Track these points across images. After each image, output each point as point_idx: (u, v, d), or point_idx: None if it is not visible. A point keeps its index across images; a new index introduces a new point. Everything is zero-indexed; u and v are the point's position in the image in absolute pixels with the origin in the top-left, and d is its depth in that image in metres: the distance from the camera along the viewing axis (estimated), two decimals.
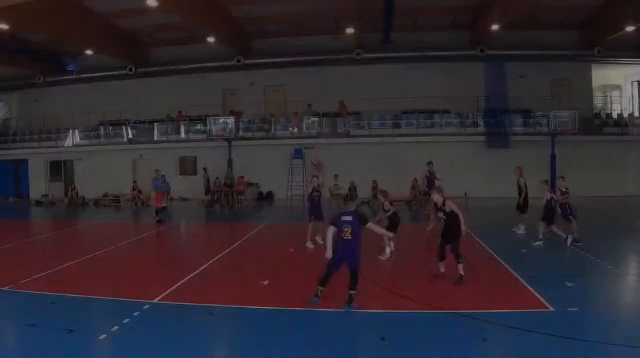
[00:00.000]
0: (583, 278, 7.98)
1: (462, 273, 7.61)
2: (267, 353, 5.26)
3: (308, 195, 10.95)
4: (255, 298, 7.13)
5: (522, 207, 12.46)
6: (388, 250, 9.76)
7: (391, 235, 8.78)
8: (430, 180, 16.25)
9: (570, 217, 10.66)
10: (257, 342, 5.56)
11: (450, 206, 7.88)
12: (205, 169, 21.71)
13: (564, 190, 10.70)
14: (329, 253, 6.42)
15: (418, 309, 6.46)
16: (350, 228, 6.44)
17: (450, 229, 7.86)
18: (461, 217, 7.84)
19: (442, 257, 7.93)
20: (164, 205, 15.53)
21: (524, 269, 7.99)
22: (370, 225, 6.81)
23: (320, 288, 6.53)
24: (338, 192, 19.56)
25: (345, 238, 6.43)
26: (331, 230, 6.52)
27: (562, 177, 11.23)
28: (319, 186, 11.14)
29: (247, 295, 7.35)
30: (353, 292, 6.38)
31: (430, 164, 16.36)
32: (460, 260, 7.66)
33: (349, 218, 6.51)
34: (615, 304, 7.00)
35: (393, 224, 9.81)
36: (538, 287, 7.19)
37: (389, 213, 9.97)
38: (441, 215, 8.04)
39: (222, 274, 8.95)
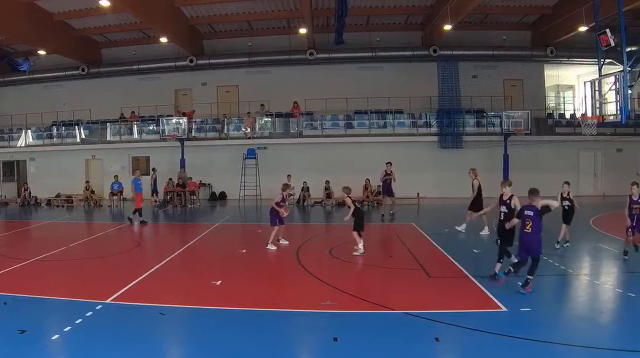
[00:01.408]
0: (535, 278, 7.84)
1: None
2: (218, 353, 5.27)
3: (278, 201, 10.90)
4: (208, 298, 7.21)
5: (476, 207, 12.06)
6: (361, 245, 9.81)
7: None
8: (386, 180, 15.99)
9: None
10: (208, 341, 5.57)
11: (516, 204, 7.56)
12: (153, 169, 21.50)
13: (635, 198, 9.33)
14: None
15: (370, 309, 6.49)
16: (531, 222, 6.94)
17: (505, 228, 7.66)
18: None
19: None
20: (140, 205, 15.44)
21: (477, 269, 7.95)
22: (546, 202, 7.19)
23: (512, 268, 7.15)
24: (290, 192, 19.44)
25: (525, 231, 6.95)
26: (514, 221, 7.31)
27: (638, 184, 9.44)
28: (288, 196, 11.57)
29: (199, 295, 7.41)
30: (531, 277, 6.95)
31: (388, 163, 16.12)
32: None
33: (531, 213, 6.94)
34: (567, 304, 7.05)
35: (358, 221, 9.88)
36: (490, 287, 7.24)
37: (351, 210, 9.97)
38: (503, 208, 7.76)
39: (174, 274, 8.96)
